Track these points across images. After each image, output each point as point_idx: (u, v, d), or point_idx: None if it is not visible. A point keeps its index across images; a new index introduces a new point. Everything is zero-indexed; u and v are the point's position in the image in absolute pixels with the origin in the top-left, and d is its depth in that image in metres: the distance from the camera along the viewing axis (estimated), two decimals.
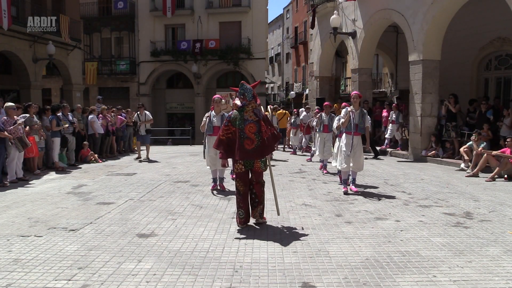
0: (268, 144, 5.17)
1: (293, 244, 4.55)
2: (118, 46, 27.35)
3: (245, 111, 5.20)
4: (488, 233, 4.97)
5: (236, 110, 5.30)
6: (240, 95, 5.30)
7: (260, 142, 5.10)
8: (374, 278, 3.66)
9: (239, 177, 5.22)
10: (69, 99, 18.40)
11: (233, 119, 5.24)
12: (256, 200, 5.26)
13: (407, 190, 7.57)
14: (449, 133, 11.44)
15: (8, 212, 5.96)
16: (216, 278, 3.66)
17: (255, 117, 5.18)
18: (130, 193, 7.32)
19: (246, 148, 5.07)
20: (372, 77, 19.59)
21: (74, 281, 3.57)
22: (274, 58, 44.92)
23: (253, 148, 5.09)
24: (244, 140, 5.09)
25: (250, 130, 5.12)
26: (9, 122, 8.28)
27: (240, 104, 5.30)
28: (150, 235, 4.86)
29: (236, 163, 5.19)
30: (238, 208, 5.24)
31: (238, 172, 5.20)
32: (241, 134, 5.11)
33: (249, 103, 5.21)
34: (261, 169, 5.21)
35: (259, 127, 5.15)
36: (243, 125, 5.14)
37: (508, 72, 13.16)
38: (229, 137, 5.19)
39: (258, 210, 5.29)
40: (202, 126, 7.65)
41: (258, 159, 5.13)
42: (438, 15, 11.51)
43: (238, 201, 5.21)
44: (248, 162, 5.13)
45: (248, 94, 5.22)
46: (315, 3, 18.61)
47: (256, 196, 5.25)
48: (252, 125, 5.14)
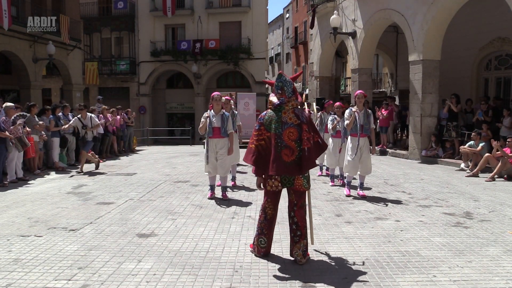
0: (310, 155, 3.99)
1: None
2: (118, 46, 27.34)
3: (284, 111, 4.03)
4: (488, 233, 4.97)
5: (271, 109, 4.12)
6: (278, 90, 4.10)
7: (302, 153, 3.96)
8: (374, 278, 3.66)
9: (270, 197, 4.11)
10: (69, 99, 18.42)
11: (267, 121, 4.04)
12: (298, 233, 4.00)
13: (407, 190, 7.57)
14: (449, 133, 11.45)
15: (8, 212, 5.96)
16: (216, 278, 3.66)
17: (296, 120, 4.00)
18: (130, 193, 7.32)
19: (284, 160, 3.92)
20: (372, 77, 19.59)
21: (74, 281, 3.57)
22: (274, 58, 44.91)
23: (293, 161, 3.93)
24: (282, 149, 3.93)
25: (289, 137, 3.95)
26: (8, 122, 8.28)
27: (276, 102, 4.09)
28: (150, 235, 4.86)
29: (271, 179, 4.01)
30: (259, 234, 4.13)
31: (270, 191, 4.09)
32: (278, 141, 3.95)
33: (288, 100, 4.04)
34: (304, 188, 4.05)
35: (301, 132, 3.99)
36: (280, 129, 3.97)
37: (508, 72, 13.16)
38: (261, 145, 4.02)
39: (301, 246, 3.99)
40: (201, 127, 6.70)
41: (299, 175, 4.00)
42: (438, 15, 11.52)
43: (262, 226, 4.12)
44: (287, 179, 4.00)
45: (288, 89, 4.06)
46: (315, 3, 18.62)
47: (298, 228, 4.00)
48: (292, 130, 3.97)
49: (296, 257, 3.99)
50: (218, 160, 6.66)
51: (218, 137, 6.63)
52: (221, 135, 6.63)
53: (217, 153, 6.64)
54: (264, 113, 4.17)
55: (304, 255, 4.02)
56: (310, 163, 4.00)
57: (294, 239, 4.02)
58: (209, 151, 6.66)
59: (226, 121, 6.64)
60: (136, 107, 25.89)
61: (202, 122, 6.66)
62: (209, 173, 6.79)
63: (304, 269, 3.85)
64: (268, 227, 4.12)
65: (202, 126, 6.67)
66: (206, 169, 6.79)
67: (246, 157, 4.09)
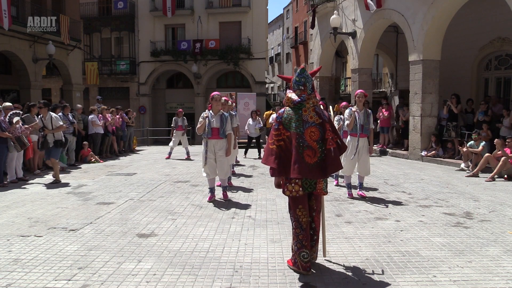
0: (335, 157, 3.71)
1: None
2: (118, 46, 27.34)
3: (304, 108, 3.74)
4: (488, 233, 4.97)
5: (290, 107, 3.79)
6: (300, 86, 3.80)
7: (325, 155, 3.68)
8: (374, 278, 3.66)
9: (300, 203, 3.74)
10: (69, 99, 18.42)
11: (287, 119, 3.74)
12: (314, 237, 3.88)
13: (407, 190, 7.57)
14: (449, 133, 11.45)
15: (8, 212, 5.96)
16: (216, 278, 3.65)
17: (317, 118, 3.73)
18: (130, 193, 7.32)
19: (307, 161, 3.62)
20: (372, 77, 19.59)
21: (74, 281, 3.57)
22: (274, 58, 44.89)
23: (316, 162, 3.64)
24: (304, 150, 3.64)
25: (311, 137, 3.67)
26: (7, 122, 8.26)
27: (296, 99, 3.76)
28: (150, 235, 4.86)
29: (290, 184, 3.72)
30: (300, 249, 3.69)
31: (296, 196, 3.74)
32: (300, 141, 3.66)
33: (308, 97, 3.76)
34: (324, 192, 3.83)
35: (323, 132, 3.71)
36: (302, 128, 3.69)
37: (508, 72, 13.15)
38: (281, 146, 3.72)
39: (317, 249, 3.98)
40: (199, 128, 6.51)
41: (323, 178, 3.75)
42: (438, 15, 11.52)
43: (301, 239, 3.70)
44: (308, 183, 3.72)
45: (309, 85, 3.80)
46: (315, 3, 18.62)
47: (315, 232, 3.89)
48: (313, 129, 3.68)
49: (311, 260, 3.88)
50: (217, 162, 6.58)
51: (217, 138, 6.54)
52: (219, 136, 6.54)
53: (215, 154, 6.56)
54: (282, 110, 3.85)
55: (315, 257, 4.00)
56: (335, 165, 3.72)
57: (311, 244, 3.84)
58: (208, 152, 6.52)
59: (225, 121, 6.56)
60: (136, 107, 25.90)
61: (201, 122, 6.52)
62: (207, 175, 6.64)
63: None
64: (306, 237, 3.74)
65: (200, 126, 6.51)
66: (205, 171, 6.66)
67: (266, 158, 3.75)
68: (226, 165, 6.75)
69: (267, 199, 6.72)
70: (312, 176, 3.66)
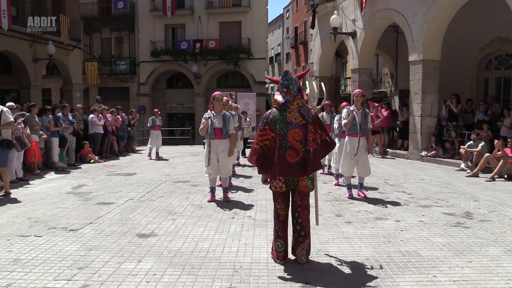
0: (316, 157, 3.87)
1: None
2: (118, 46, 27.35)
3: (289, 110, 3.92)
4: (488, 233, 4.97)
5: (276, 108, 3.99)
6: (283, 88, 3.97)
7: (307, 154, 3.86)
8: (374, 278, 3.66)
9: (279, 197, 4.00)
10: (69, 99, 18.43)
11: (272, 120, 3.95)
12: (302, 233, 3.96)
13: (407, 190, 7.57)
14: (449, 133, 11.46)
15: (8, 212, 5.96)
16: (216, 278, 3.65)
17: (301, 120, 3.89)
18: (130, 193, 7.32)
19: (289, 161, 3.84)
20: (372, 77, 19.61)
21: (74, 281, 3.57)
22: (274, 58, 44.90)
23: (298, 162, 3.85)
24: (287, 150, 3.85)
25: (294, 137, 3.86)
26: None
27: (281, 101, 3.95)
28: (150, 235, 4.86)
29: (275, 180, 3.95)
30: (276, 238, 4.01)
31: (280, 192, 3.98)
32: (282, 142, 3.87)
33: (293, 99, 3.92)
34: (308, 189, 3.95)
35: (306, 133, 3.88)
36: (285, 129, 3.88)
37: (508, 72, 13.16)
38: (266, 145, 3.94)
39: (305, 246, 3.98)
40: (202, 128, 6.48)
41: (304, 176, 3.91)
42: (438, 15, 11.52)
43: (277, 229, 4.01)
44: (291, 180, 3.92)
45: (294, 87, 3.93)
46: (315, 3, 18.63)
47: (302, 228, 3.96)
48: (297, 130, 3.87)
49: (299, 257, 3.98)
50: (220, 162, 6.56)
51: (220, 138, 6.51)
52: (222, 136, 6.52)
53: (218, 154, 6.53)
54: (269, 112, 4.05)
55: (308, 254, 4.03)
56: (315, 165, 3.88)
57: (298, 239, 3.97)
58: (211, 152, 6.49)
59: (228, 121, 6.54)
60: (136, 107, 25.85)
61: (203, 123, 6.48)
62: (209, 175, 6.63)
63: (304, 269, 3.85)
64: (283, 229, 4.00)
65: (203, 127, 6.46)
66: (207, 171, 6.64)
67: (250, 157, 4.05)
68: (229, 165, 6.78)
69: (267, 199, 6.71)
70: (293, 175, 3.88)
